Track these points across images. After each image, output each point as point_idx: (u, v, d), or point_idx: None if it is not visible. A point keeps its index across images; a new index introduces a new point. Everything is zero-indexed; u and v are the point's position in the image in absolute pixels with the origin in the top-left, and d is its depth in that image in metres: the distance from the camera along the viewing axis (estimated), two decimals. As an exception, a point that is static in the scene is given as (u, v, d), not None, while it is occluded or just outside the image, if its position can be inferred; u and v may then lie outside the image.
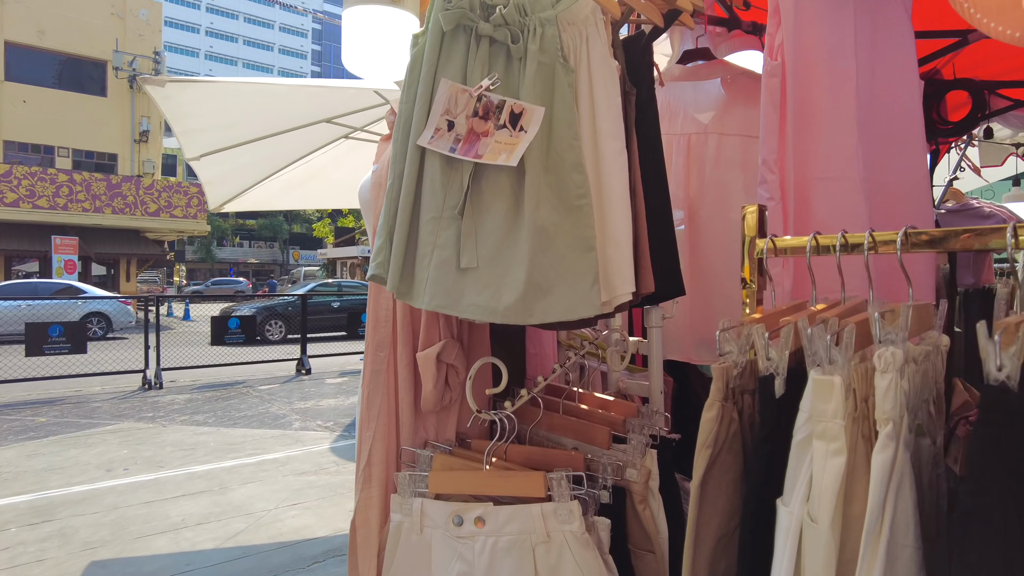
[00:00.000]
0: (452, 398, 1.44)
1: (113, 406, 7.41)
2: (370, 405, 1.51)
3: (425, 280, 1.13)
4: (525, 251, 1.07)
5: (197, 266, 48.87)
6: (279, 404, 7.61)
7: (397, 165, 1.18)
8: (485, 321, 1.14)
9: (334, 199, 5.31)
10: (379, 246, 1.19)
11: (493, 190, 1.12)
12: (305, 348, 10.26)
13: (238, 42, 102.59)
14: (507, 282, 1.07)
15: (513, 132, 1.07)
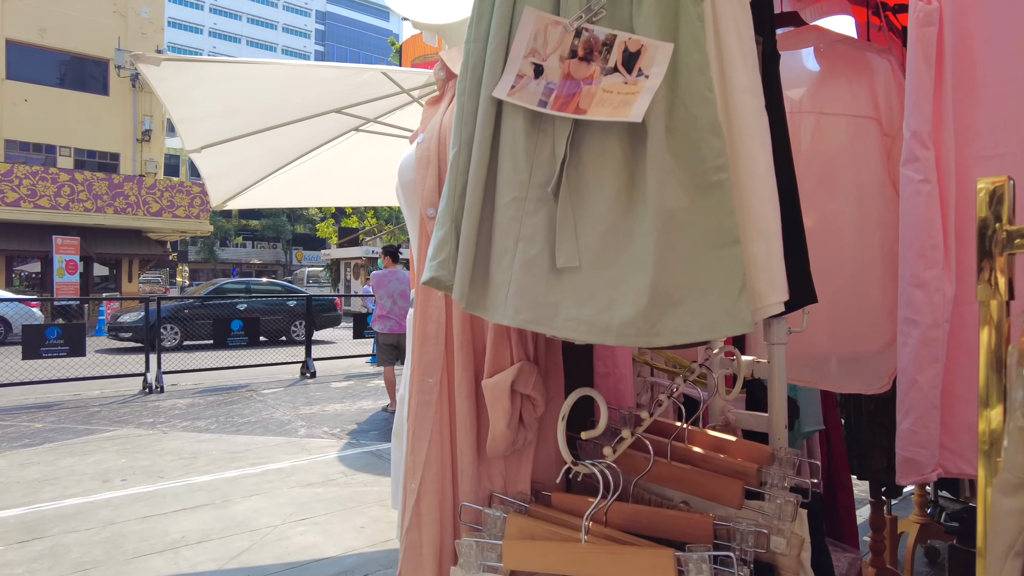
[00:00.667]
0: (526, 439, 1.11)
1: (112, 411, 7.17)
2: (417, 448, 1.16)
3: (506, 286, 0.84)
4: (647, 246, 0.78)
5: (200, 267, 48.69)
6: (284, 409, 7.36)
7: (464, 127, 0.88)
8: (591, 342, 0.84)
9: (342, 196, 5.05)
10: (440, 239, 0.89)
11: (598, 160, 0.82)
12: (310, 351, 10.02)
13: (241, 43, 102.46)
14: (623, 289, 0.79)
15: (629, 78, 0.77)
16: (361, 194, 4.93)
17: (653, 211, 0.78)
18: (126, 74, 21.47)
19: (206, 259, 48.47)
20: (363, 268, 27.01)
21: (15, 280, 21.39)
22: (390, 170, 4.76)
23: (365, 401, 7.90)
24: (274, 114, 3.32)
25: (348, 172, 4.51)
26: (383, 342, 7.19)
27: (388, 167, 4.90)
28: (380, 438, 6.07)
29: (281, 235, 50.89)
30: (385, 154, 4.47)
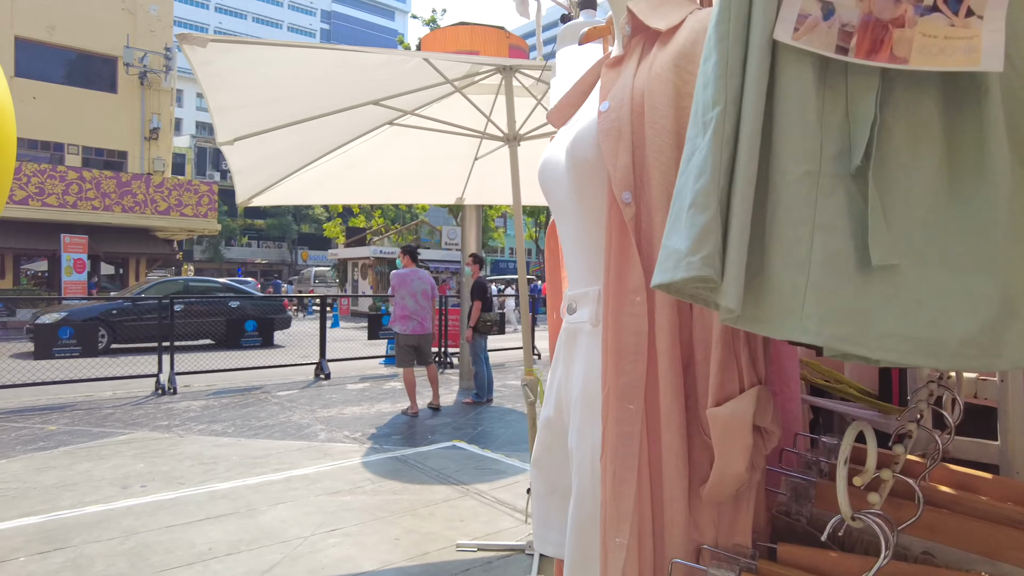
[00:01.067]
0: (753, 481, 0.89)
1: (126, 413, 7.01)
2: (622, 493, 0.92)
3: (802, 290, 0.64)
4: (990, 238, 0.61)
5: (205, 266, 48.61)
6: (301, 412, 7.20)
7: (730, 79, 0.68)
8: (916, 365, 0.65)
9: (371, 193, 4.89)
10: (703, 226, 0.67)
11: (911, 124, 0.64)
12: (324, 351, 9.85)
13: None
14: (957, 296, 0.61)
15: (955, 19, 0.59)
16: (392, 191, 4.76)
17: (998, 192, 0.60)
18: (134, 72, 21.36)
19: (211, 258, 48.42)
20: (371, 268, 26.87)
21: (22, 279, 21.27)
22: (423, 167, 4.59)
23: (383, 404, 7.73)
24: (312, 104, 3.15)
25: (379, 168, 4.34)
26: (404, 343, 7.02)
27: (421, 163, 4.70)
28: (403, 442, 5.90)
29: (287, 235, 50.81)
30: (418, 149, 4.30)
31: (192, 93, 72.93)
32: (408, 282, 7.06)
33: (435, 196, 4.93)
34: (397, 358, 7.11)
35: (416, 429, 6.47)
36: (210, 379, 9.15)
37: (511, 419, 7.00)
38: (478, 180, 4.63)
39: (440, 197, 4.91)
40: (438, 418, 7.01)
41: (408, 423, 6.75)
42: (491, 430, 6.46)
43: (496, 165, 4.49)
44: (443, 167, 4.51)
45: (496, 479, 4.85)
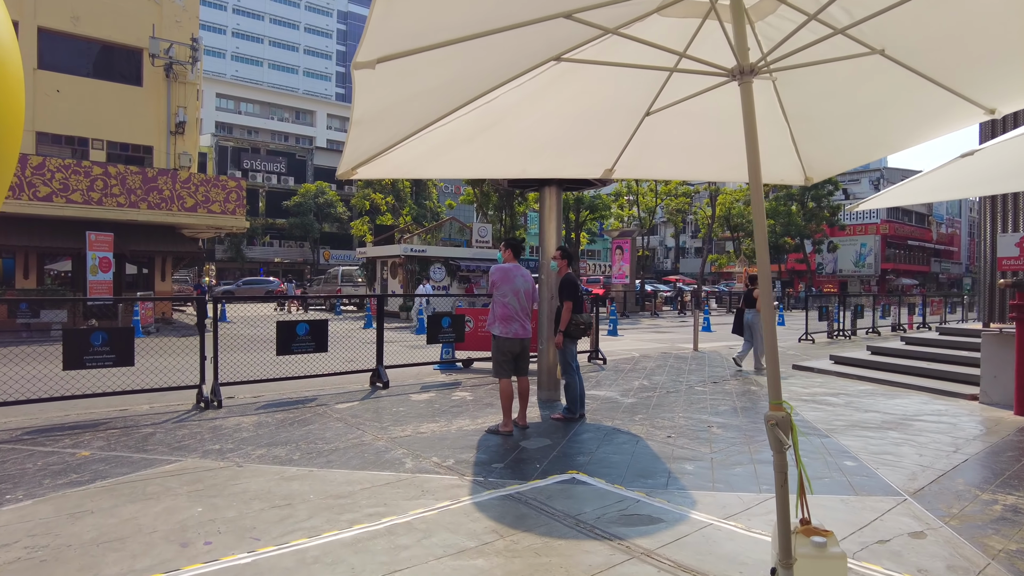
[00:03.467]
0: None
1: (169, 433, 6.00)
2: None
3: None
4: None
5: (227, 265, 48.02)
6: (371, 430, 6.15)
7: None
8: None
9: (501, 165, 3.77)
10: None
11: None
12: (381, 357, 8.81)
13: (263, 43, 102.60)
14: None
15: None
16: (528, 162, 3.63)
17: None
18: (160, 63, 20.52)
19: (233, 258, 47.82)
20: (401, 267, 25.88)
21: (47, 279, 20.51)
22: (575, 127, 3.43)
23: (461, 420, 6.67)
24: (488, 13, 2.10)
25: (519, 130, 3.25)
26: (504, 349, 5.96)
27: (575, 121, 3.45)
28: (510, 473, 4.82)
29: (308, 234, 50.06)
30: (577, 100, 3.20)
31: (212, 92, 72.71)
32: (511, 278, 5.99)
33: (579, 167, 3.81)
34: (495, 366, 6.04)
35: (516, 454, 5.39)
36: (255, 389, 8.14)
37: (619, 441, 5.90)
38: (639, 145, 3.54)
39: (585, 169, 3.80)
40: (532, 439, 5.93)
41: (502, 445, 5.67)
42: (605, 456, 5.36)
43: (669, 124, 3.39)
44: (600, 128, 3.42)
45: (656, 530, 3.76)
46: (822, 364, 11.01)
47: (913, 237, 60.89)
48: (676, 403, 7.75)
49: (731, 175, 3.92)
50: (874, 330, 19.36)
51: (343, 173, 3.17)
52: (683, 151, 3.79)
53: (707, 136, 3.62)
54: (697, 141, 3.69)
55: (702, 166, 4.05)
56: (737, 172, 3.74)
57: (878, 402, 7.95)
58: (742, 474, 4.90)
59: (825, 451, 5.59)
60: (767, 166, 3.51)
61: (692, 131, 3.58)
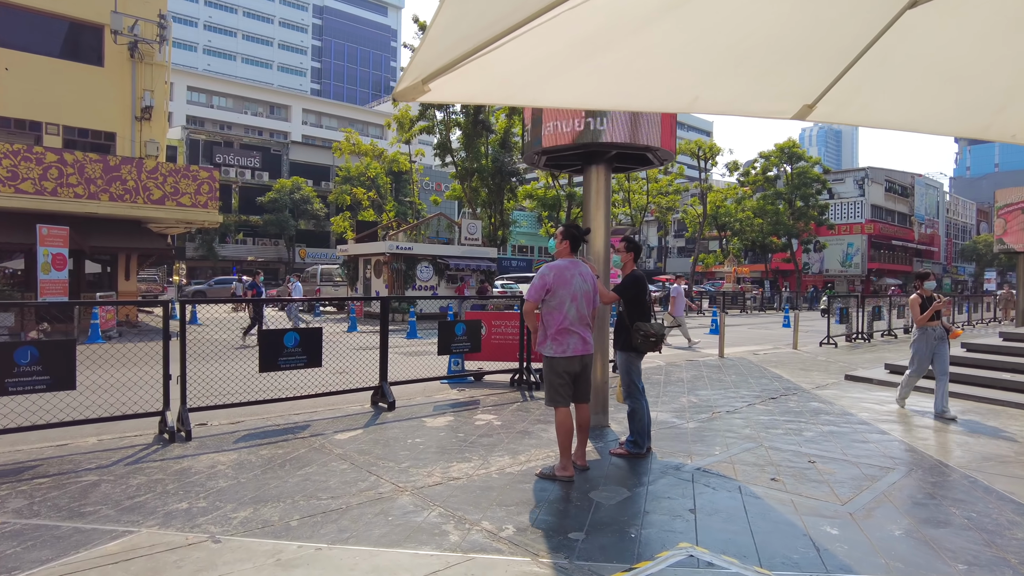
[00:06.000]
0: None
1: (119, 484, 4.49)
2: None
3: None
4: None
5: (198, 264, 45.84)
6: (387, 474, 4.71)
7: None
8: None
9: (655, 92, 2.35)
10: None
11: None
12: (386, 373, 7.34)
13: (237, 36, 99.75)
14: None
15: None
16: (675, 91, 2.26)
17: None
18: (123, 41, 18.67)
19: (205, 256, 45.59)
20: (386, 265, 24.31)
21: (-5, 278, 18.58)
22: (746, 44, 2.01)
23: (498, 456, 5.26)
24: None
25: (686, 41, 1.89)
26: (561, 370, 4.57)
27: (744, 39, 1.75)
28: (601, 551, 3.43)
29: (284, 231, 47.99)
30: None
31: (183, 85, 70.04)
32: (568, 280, 4.60)
33: (769, 101, 2.43)
34: (549, 392, 4.65)
35: (593, 514, 4.00)
36: (233, 414, 6.64)
37: (714, 487, 4.54)
38: (869, 68, 2.19)
39: (775, 104, 2.42)
40: (602, 488, 4.54)
41: (567, 498, 4.28)
42: (713, 515, 4.00)
43: (930, 34, 2.04)
44: (809, 36, 2.06)
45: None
46: (877, 374, 9.80)
47: (897, 237, 60.78)
48: (747, 428, 6.43)
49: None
50: (890, 332, 18.36)
51: (406, 89, 1.76)
52: (939, 83, 2.41)
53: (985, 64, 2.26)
54: (972, 70, 2.33)
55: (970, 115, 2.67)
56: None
57: (986, 425, 6.71)
58: (909, 545, 3.58)
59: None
60: None
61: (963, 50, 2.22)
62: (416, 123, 32.01)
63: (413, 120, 32.00)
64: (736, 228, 48.02)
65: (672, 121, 6.04)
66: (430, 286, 24.90)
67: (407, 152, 34.57)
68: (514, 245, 57.54)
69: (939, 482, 4.76)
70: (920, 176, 66.80)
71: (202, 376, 7.86)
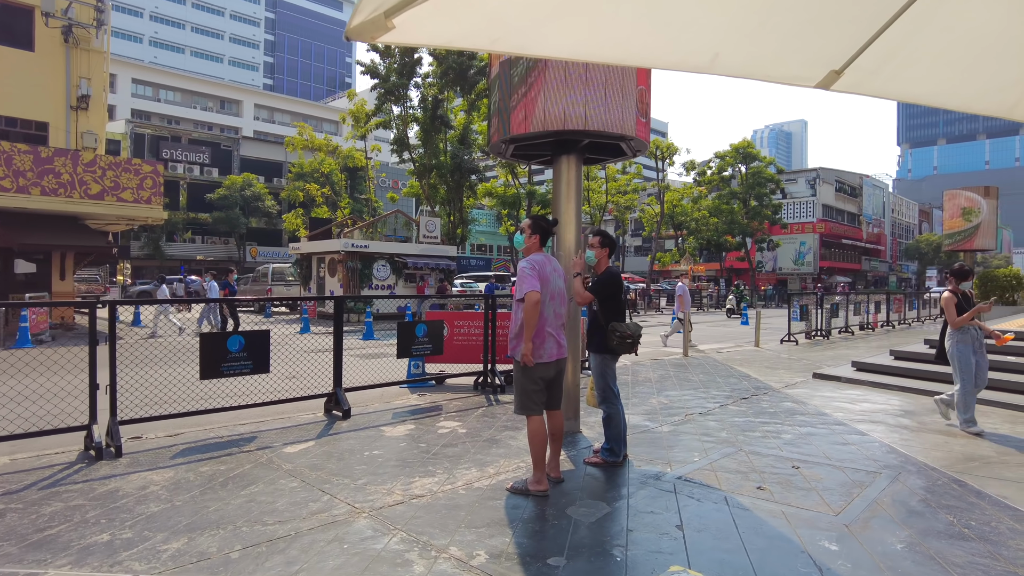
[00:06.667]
0: None
1: (29, 511, 3.92)
2: None
3: None
4: None
5: (144, 263, 43.95)
6: (343, 492, 4.25)
7: None
8: None
9: (674, 47, 1.96)
10: None
11: None
12: (340, 378, 6.84)
13: (185, 28, 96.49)
14: None
15: None
16: (726, 47, 1.89)
17: None
18: (56, 24, 17.52)
19: (150, 255, 43.72)
20: (341, 264, 23.55)
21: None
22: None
23: (465, 469, 4.84)
24: None
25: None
26: (535, 375, 4.19)
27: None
28: (585, 581, 3.05)
29: (235, 229, 46.43)
30: None
31: (127, 77, 67.26)
32: (548, 276, 4.22)
33: (795, 67, 2.07)
34: (521, 399, 4.26)
35: (573, 534, 3.63)
36: (171, 425, 6.05)
37: (698, 498, 4.22)
38: (893, 43, 1.87)
39: (801, 69, 2.07)
40: (580, 503, 4.18)
41: (543, 516, 3.90)
42: (702, 531, 3.67)
43: (954, 10, 1.73)
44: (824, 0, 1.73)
45: None
46: (845, 372, 9.73)
47: (846, 236, 62.47)
48: (723, 431, 6.16)
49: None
50: (847, 329, 18.58)
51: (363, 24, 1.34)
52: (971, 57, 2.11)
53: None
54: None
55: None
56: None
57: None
58: (915, 560, 3.31)
59: (984, 509, 4.08)
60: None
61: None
62: (372, 118, 31.24)
63: (369, 115, 31.24)
64: (692, 227, 48.57)
65: (647, 110, 5.72)
66: (387, 285, 24.26)
67: (363, 148, 33.75)
68: (473, 244, 57.06)
69: (929, 487, 4.55)
70: (868, 177, 68.87)
71: (138, 384, 7.22)
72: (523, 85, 5.29)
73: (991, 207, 19.30)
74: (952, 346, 6.37)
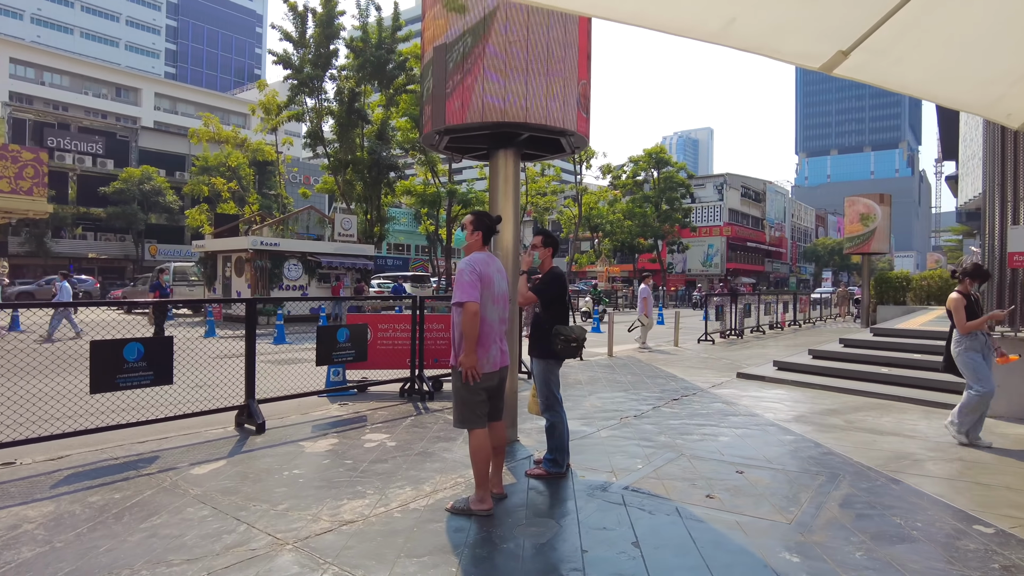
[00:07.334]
0: None
1: None
2: None
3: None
4: None
5: (25, 261, 40.21)
6: (261, 520, 3.75)
7: None
8: None
9: (688, 11, 1.67)
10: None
11: None
12: (253, 389, 6.23)
13: (75, 8, 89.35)
14: None
15: None
16: (740, 11, 1.62)
17: None
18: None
19: (33, 252, 40.01)
20: (249, 263, 22.28)
21: None
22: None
23: (399, 488, 4.44)
24: None
25: None
26: (477, 385, 3.84)
27: None
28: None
29: (132, 226, 43.30)
30: None
31: (4, 57, 61.48)
32: (490, 278, 3.89)
33: (802, 43, 1.84)
34: (461, 412, 3.90)
35: (521, 557, 3.32)
36: (59, 447, 5.29)
37: (649, 510, 4.02)
38: (901, 27, 1.68)
39: (807, 47, 1.84)
40: (528, 523, 3.88)
41: (489, 540, 3.57)
42: (660, 548, 3.45)
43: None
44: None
45: None
46: (768, 371, 9.95)
47: (751, 239, 65.61)
48: (662, 435, 6.04)
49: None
50: (759, 328, 19.30)
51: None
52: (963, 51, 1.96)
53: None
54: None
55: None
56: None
57: (883, 421, 6.78)
58: (877, 569, 3.21)
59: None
60: None
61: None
62: (284, 110, 29.84)
63: (281, 106, 29.82)
64: (608, 229, 49.50)
65: (588, 104, 5.49)
66: (299, 286, 23.19)
67: (273, 141, 32.21)
68: (391, 243, 55.84)
69: (871, 488, 4.55)
70: (770, 183, 72.65)
71: (14, 399, 6.33)
72: (459, 71, 4.93)
73: (885, 213, 20.58)
74: (961, 353, 5.74)
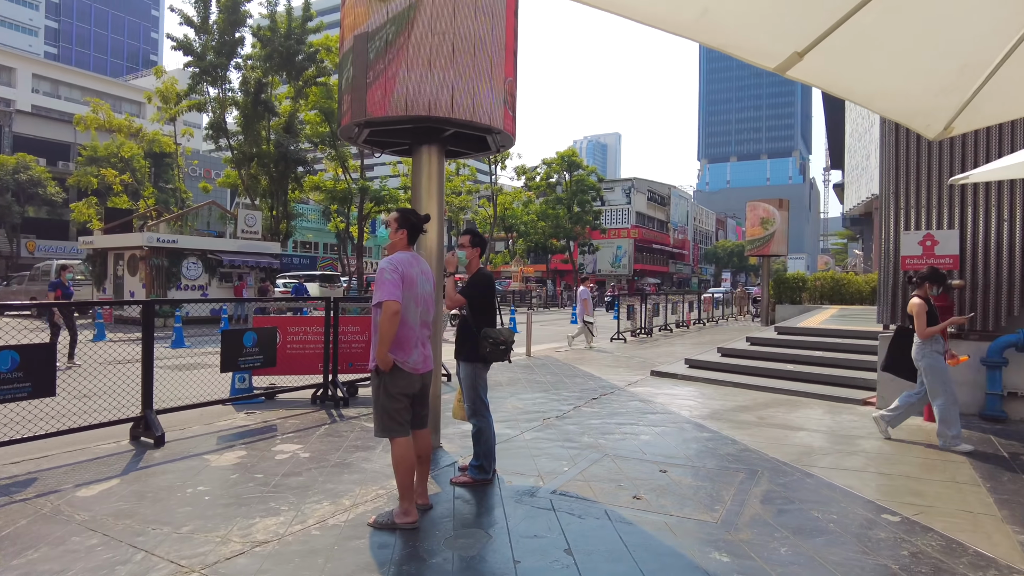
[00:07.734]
0: None
1: None
2: None
3: None
4: None
5: None
6: (162, 545, 3.39)
7: None
8: None
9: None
10: None
11: None
12: (150, 398, 5.71)
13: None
14: None
15: None
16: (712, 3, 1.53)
17: None
18: None
19: None
20: (143, 261, 20.79)
21: None
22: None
23: (316, 503, 4.17)
24: None
25: None
26: (398, 390, 3.64)
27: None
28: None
29: (5, 219, 39.47)
30: None
31: None
32: (413, 279, 3.69)
33: (761, 40, 1.79)
34: (382, 419, 3.68)
35: (452, 573, 3.16)
36: (-90, 468, 4.63)
37: (578, 515, 3.96)
38: (852, 35, 1.66)
39: (763, 46, 1.80)
40: (457, 534, 3.72)
41: (413, 555, 3.38)
42: (593, 555, 3.39)
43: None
44: None
45: None
46: (680, 369, 10.23)
47: (656, 241, 68.06)
48: (585, 435, 6.03)
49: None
50: (666, 327, 19.94)
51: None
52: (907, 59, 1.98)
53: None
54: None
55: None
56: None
57: (792, 417, 7.08)
58: (801, 564, 3.29)
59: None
60: None
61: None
62: (184, 99, 28.08)
63: (180, 95, 28.03)
64: (522, 230, 49.93)
65: (515, 103, 5.39)
66: (199, 285, 21.88)
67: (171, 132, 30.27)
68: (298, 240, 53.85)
69: (787, 483, 4.70)
70: (675, 188, 75.65)
71: None
72: (381, 61, 4.70)
73: (784, 217, 21.81)
74: (923, 359, 5.69)
